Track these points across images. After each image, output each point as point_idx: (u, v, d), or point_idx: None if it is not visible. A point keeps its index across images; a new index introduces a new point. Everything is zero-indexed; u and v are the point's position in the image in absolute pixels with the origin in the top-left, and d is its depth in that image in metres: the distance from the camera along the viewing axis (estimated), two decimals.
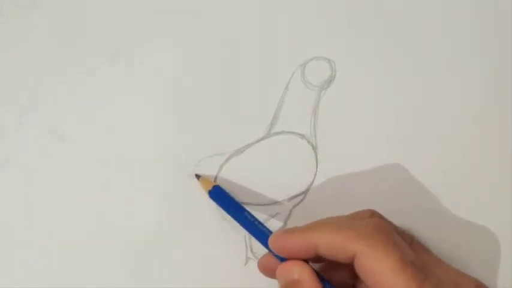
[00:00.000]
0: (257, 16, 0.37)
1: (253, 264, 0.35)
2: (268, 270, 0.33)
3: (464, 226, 0.35)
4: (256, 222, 0.33)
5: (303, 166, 0.36)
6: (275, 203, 0.36)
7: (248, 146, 0.36)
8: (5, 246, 0.36)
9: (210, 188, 0.34)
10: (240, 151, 0.36)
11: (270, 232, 0.32)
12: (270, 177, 0.36)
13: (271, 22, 0.37)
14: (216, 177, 0.36)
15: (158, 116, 0.36)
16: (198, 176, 0.35)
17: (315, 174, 0.36)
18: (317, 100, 0.36)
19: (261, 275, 0.33)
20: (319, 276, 0.30)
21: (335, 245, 0.29)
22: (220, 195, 0.34)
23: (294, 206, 0.36)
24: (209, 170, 0.36)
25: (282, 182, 0.36)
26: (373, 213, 0.32)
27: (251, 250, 0.36)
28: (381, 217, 0.32)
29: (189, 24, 0.37)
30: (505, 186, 0.35)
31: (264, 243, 0.32)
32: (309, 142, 0.36)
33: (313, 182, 0.36)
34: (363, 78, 0.37)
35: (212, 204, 0.35)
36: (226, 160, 0.36)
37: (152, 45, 0.37)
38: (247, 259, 0.35)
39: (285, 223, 0.36)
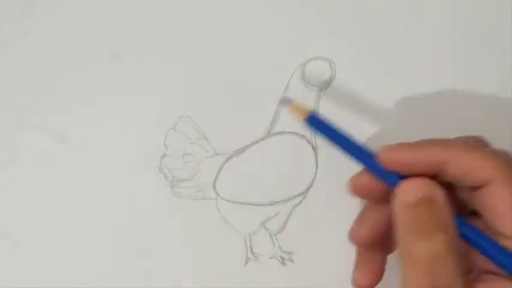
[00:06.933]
0: (257, 16, 0.37)
1: (253, 264, 0.35)
2: (361, 191, 0.30)
3: None
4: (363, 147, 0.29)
5: (303, 166, 0.36)
6: (275, 203, 0.36)
7: (248, 146, 0.36)
8: (5, 246, 0.36)
9: (305, 115, 0.31)
10: (240, 151, 0.36)
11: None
12: (270, 177, 0.36)
13: (271, 22, 0.37)
14: (216, 177, 0.36)
15: (158, 115, 0.36)
16: (284, 101, 0.32)
17: (315, 174, 0.36)
18: (317, 100, 0.36)
19: (261, 275, 0.33)
20: None
21: (470, 166, 0.26)
22: (319, 123, 0.30)
23: (294, 206, 0.36)
24: (209, 170, 0.36)
25: (282, 182, 0.36)
26: (486, 143, 0.29)
27: (251, 250, 0.36)
28: None
29: (189, 24, 0.37)
30: None
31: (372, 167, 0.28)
32: (309, 142, 0.36)
33: (313, 182, 0.36)
34: (363, 78, 0.37)
35: (212, 203, 0.35)
36: (226, 160, 0.36)
37: (152, 45, 0.37)
38: (247, 259, 0.36)
39: (285, 223, 0.36)
